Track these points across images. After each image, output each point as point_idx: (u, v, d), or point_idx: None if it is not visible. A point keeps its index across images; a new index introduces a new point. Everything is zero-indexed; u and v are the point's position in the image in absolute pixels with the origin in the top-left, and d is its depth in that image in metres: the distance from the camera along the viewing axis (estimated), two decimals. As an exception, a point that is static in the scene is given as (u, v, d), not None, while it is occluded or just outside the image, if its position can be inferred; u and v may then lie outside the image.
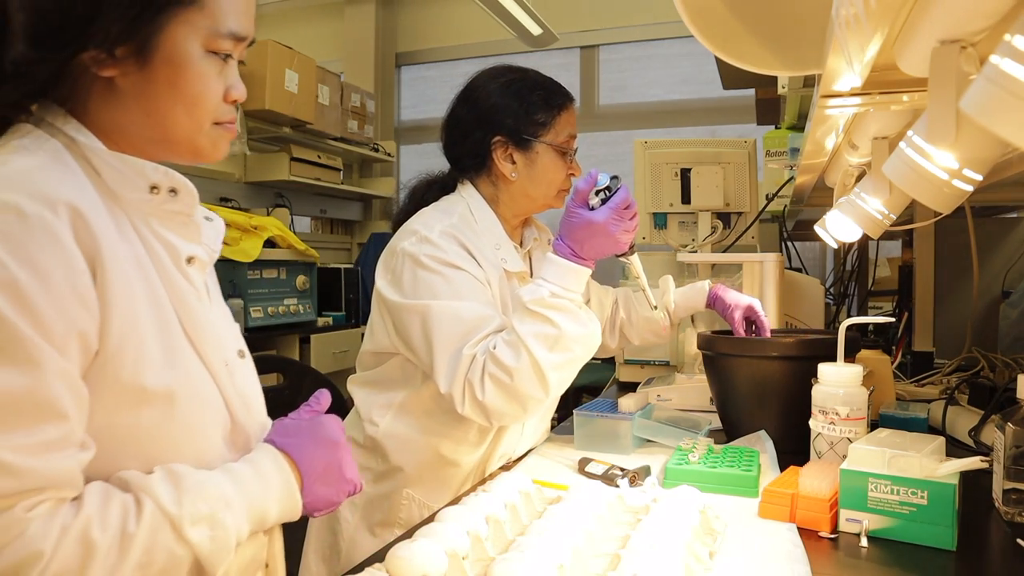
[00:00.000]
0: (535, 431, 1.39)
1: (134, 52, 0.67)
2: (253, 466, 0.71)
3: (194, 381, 0.70)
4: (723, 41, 0.87)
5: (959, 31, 0.54)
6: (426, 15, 5.14)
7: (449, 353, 1.13)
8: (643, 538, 0.78)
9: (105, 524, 0.60)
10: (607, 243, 1.12)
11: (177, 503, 0.63)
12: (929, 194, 0.72)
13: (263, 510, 0.70)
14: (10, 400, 0.57)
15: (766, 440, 1.26)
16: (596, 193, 1.12)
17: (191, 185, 0.74)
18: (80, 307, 0.61)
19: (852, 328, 1.16)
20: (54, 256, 0.60)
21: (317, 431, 0.76)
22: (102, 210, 0.66)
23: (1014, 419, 0.91)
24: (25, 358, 0.58)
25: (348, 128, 4.19)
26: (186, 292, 0.72)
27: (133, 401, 0.65)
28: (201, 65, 0.70)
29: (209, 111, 0.72)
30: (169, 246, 0.72)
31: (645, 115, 4.72)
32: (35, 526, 0.57)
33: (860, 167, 1.26)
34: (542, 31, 3.88)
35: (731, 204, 1.98)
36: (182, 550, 0.63)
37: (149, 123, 0.70)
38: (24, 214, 0.59)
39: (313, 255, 3.49)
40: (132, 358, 0.64)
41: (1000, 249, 2.06)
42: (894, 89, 0.84)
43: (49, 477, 0.59)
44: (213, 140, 0.74)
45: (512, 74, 1.32)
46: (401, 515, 1.27)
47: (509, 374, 1.09)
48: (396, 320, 1.21)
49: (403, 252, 1.21)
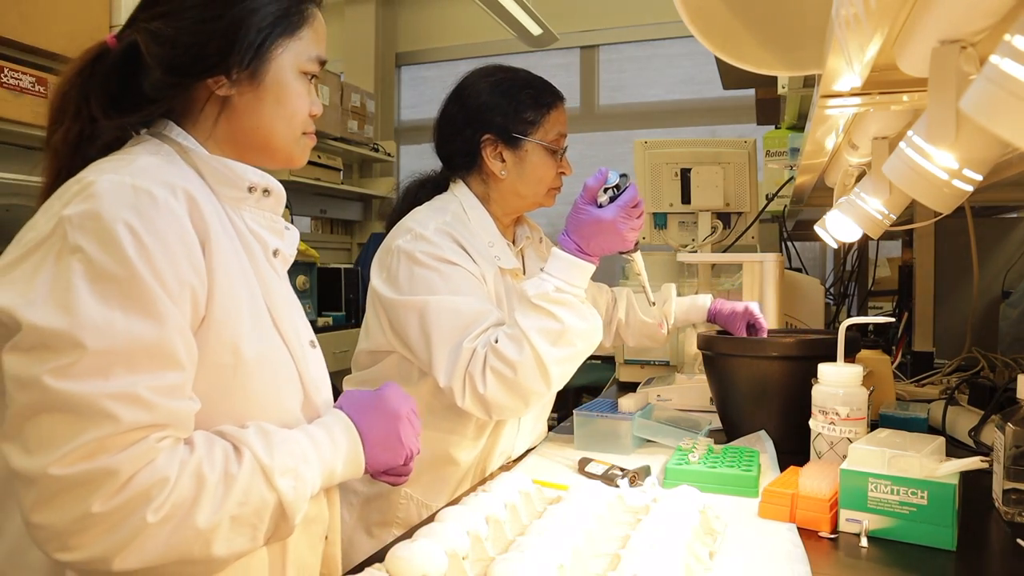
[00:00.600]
0: (532, 430, 1.39)
1: (249, 76, 0.80)
2: (326, 430, 0.81)
3: (278, 355, 0.80)
4: (723, 41, 0.87)
5: (959, 31, 0.54)
6: (426, 15, 5.14)
7: (448, 347, 1.14)
8: (643, 538, 0.78)
9: (213, 464, 0.69)
10: (614, 240, 1.14)
11: (269, 455, 0.72)
12: (929, 194, 0.72)
13: (332, 468, 0.80)
14: (145, 347, 0.67)
15: (766, 440, 1.26)
16: (604, 191, 1.14)
17: (281, 188, 0.86)
18: (194, 275, 0.71)
19: (852, 328, 1.16)
20: (176, 231, 0.71)
21: (379, 404, 0.86)
22: (211, 200, 0.78)
23: (1014, 419, 0.91)
24: (156, 313, 0.67)
25: (348, 128, 4.19)
26: (272, 279, 0.83)
27: (230, 363, 0.75)
28: (298, 85, 0.84)
29: (301, 123, 0.86)
30: (260, 238, 0.84)
31: (645, 115, 4.72)
32: (163, 457, 0.67)
33: (860, 167, 1.26)
34: (542, 31, 3.88)
35: (731, 204, 1.98)
36: (271, 495, 0.71)
37: (257, 133, 0.83)
38: (154, 196, 0.70)
39: (313, 255, 3.49)
40: (231, 325, 0.74)
41: (1000, 249, 2.06)
42: (894, 89, 0.84)
43: (174, 416, 0.68)
44: (303, 148, 0.88)
45: (502, 73, 1.33)
46: (399, 514, 1.27)
47: (512, 368, 1.09)
48: (393, 317, 1.21)
49: (398, 249, 1.21)
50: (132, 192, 0.69)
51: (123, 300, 0.66)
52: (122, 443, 0.65)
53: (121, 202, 0.68)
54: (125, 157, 0.75)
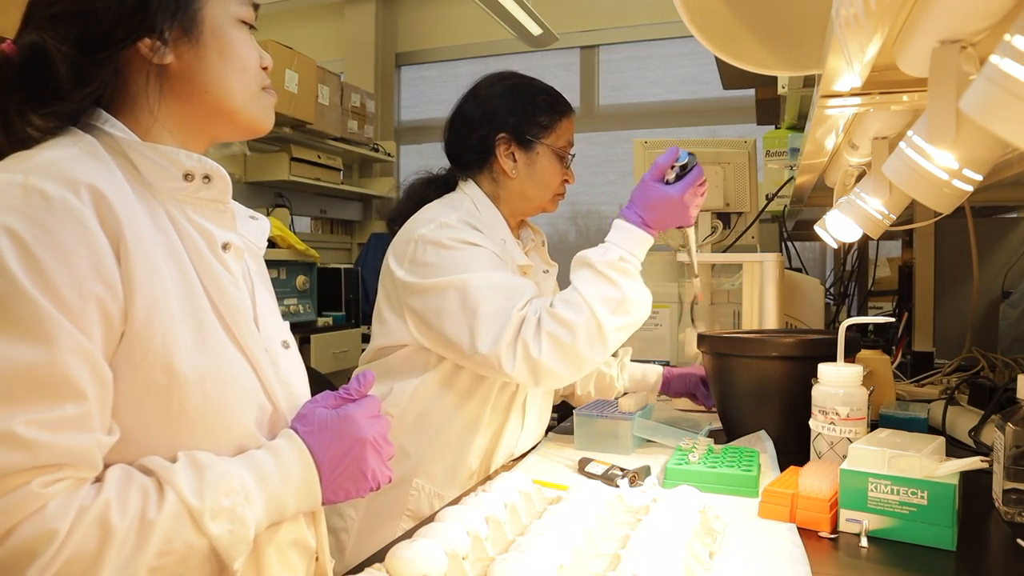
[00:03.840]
0: (535, 428, 1.39)
1: (184, 32, 0.72)
2: (276, 457, 0.71)
3: (229, 366, 0.71)
4: (723, 41, 0.87)
5: (959, 31, 0.54)
6: (426, 15, 5.14)
7: (496, 317, 1.16)
8: (643, 538, 0.78)
9: (125, 509, 0.60)
10: (679, 215, 1.22)
11: (199, 496, 0.63)
12: (929, 194, 0.72)
13: (281, 503, 0.70)
14: (27, 374, 0.57)
15: (766, 440, 1.26)
16: (671, 168, 1.21)
17: (224, 172, 0.76)
18: (102, 286, 0.62)
19: (852, 328, 1.16)
20: (76, 236, 0.61)
21: (341, 427, 0.75)
22: (130, 197, 0.67)
23: (1014, 419, 0.91)
24: (43, 334, 0.58)
25: (348, 128, 4.19)
26: (222, 278, 0.73)
27: (163, 384, 0.65)
28: (239, 33, 0.76)
29: (256, 75, 0.78)
30: (205, 233, 0.74)
31: (645, 115, 4.72)
32: (55, 504, 0.57)
33: (860, 167, 1.26)
34: (542, 31, 3.88)
35: (731, 204, 1.98)
36: (200, 541, 0.63)
37: (209, 97, 0.75)
38: (48, 196, 0.61)
39: (313, 255, 3.49)
40: (159, 340, 0.65)
41: (1000, 249, 2.05)
42: (894, 89, 0.84)
43: (66, 454, 0.58)
44: (264, 106, 0.80)
45: (518, 79, 1.39)
46: (409, 506, 1.27)
47: (571, 332, 1.12)
48: (423, 303, 1.21)
49: (422, 238, 1.23)
50: (21, 193, 0.60)
51: (0, 320, 0.57)
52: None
53: (5, 205, 0.60)
54: (28, 153, 0.66)
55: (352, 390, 0.78)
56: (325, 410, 0.76)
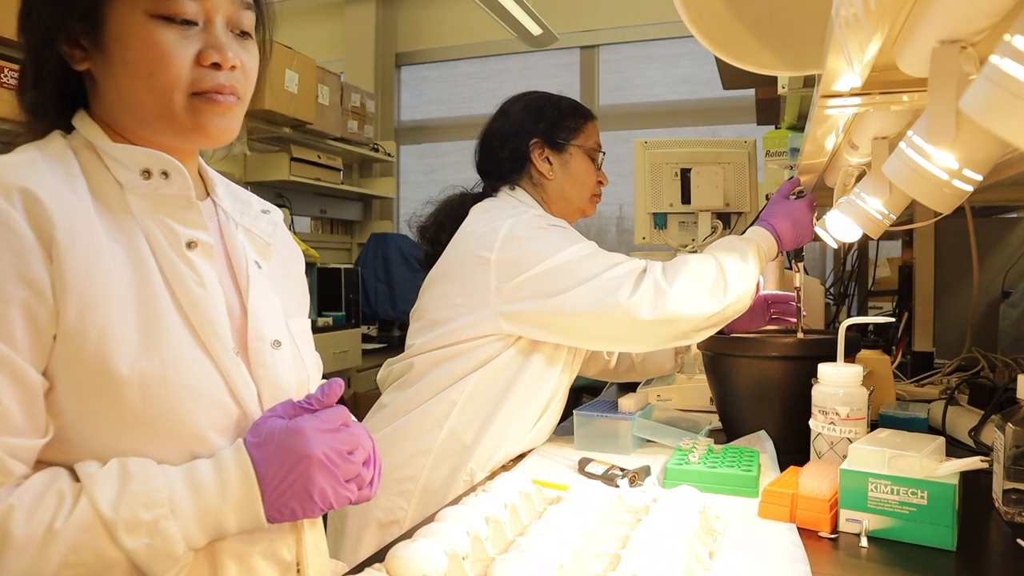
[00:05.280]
0: (544, 426, 1.38)
1: (87, 36, 0.68)
2: (218, 471, 0.67)
3: (186, 368, 0.68)
4: (723, 41, 0.87)
5: (959, 31, 0.54)
6: (426, 15, 5.14)
7: (619, 266, 1.22)
8: (643, 538, 0.78)
9: (31, 516, 0.59)
10: (805, 229, 1.35)
11: (114, 507, 0.61)
12: (929, 194, 0.72)
13: (219, 517, 0.66)
14: None
15: (766, 440, 1.26)
16: (792, 195, 1.38)
17: (182, 167, 0.73)
18: (25, 287, 0.61)
19: (852, 328, 1.16)
20: None
21: (287, 441, 0.68)
22: (72, 199, 0.66)
23: (1014, 419, 0.91)
24: None
25: (348, 128, 4.19)
26: (186, 278, 0.71)
27: (101, 385, 0.63)
28: (150, 34, 0.67)
29: (171, 81, 0.68)
30: (169, 232, 0.72)
31: (645, 115, 4.72)
32: None
33: (860, 167, 1.26)
34: (542, 31, 3.88)
35: (731, 204, 1.98)
36: (115, 553, 0.61)
37: (125, 107, 0.70)
38: None
39: (313, 255, 3.49)
40: (93, 341, 0.63)
41: (1000, 249, 2.05)
42: (894, 89, 0.84)
43: None
44: (193, 113, 0.70)
45: (540, 92, 1.47)
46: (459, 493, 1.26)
47: (700, 275, 1.21)
48: (534, 286, 1.22)
49: (510, 233, 1.25)
50: None
51: None
52: None
53: None
54: None
55: (314, 400, 0.72)
56: (277, 420, 0.70)
